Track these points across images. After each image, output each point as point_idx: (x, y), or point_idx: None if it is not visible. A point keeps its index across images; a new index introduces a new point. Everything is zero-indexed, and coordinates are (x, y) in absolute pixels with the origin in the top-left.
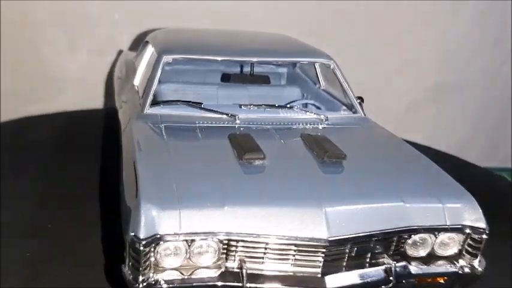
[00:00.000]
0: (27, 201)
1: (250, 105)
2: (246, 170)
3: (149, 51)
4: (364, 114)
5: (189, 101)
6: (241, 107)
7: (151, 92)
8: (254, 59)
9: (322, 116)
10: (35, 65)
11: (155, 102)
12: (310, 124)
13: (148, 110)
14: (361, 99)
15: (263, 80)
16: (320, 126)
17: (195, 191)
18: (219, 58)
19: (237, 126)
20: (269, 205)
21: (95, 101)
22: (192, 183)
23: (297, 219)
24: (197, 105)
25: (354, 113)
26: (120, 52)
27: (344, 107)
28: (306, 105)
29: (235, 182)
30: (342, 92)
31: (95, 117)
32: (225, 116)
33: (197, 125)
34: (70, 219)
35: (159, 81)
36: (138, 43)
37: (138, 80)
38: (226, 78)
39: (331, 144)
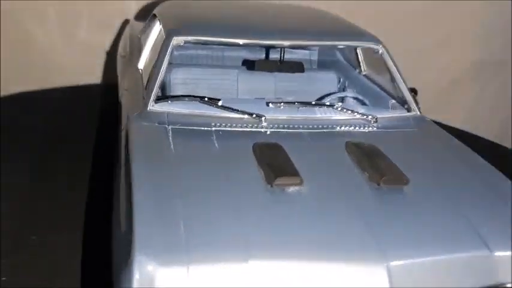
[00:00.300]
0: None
1: (280, 102)
2: (278, 200)
3: (157, 28)
4: (420, 112)
5: (203, 97)
6: (268, 105)
7: (157, 84)
8: (286, 43)
9: (369, 117)
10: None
11: (161, 97)
12: (356, 127)
13: (153, 107)
14: (414, 91)
15: (296, 67)
16: (367, 130)
17: (210, 235)
18: (241, 41)
19: (263, 130)
20: (310, 257)
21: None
22: (205, 221)
23: (349, 279)
24: (213, 102)
25: (407, 110)
26: (125, 22)
27: (393, 101)
28: (342, 99)
29: (264, 221)
30: (390, 82)
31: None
32: (248, 116)
33: (213, 128)
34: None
35: (167, 67)
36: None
37: (142, 63)
38: (249, 65)
39: (386, 161)
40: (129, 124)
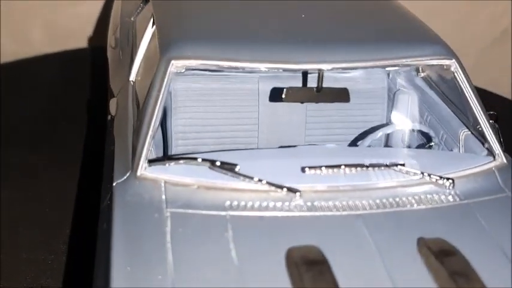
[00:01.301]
0: None
1: (320, 167)
2: None
3: (151, 23)
4: (503, 150)
5: (214, 161)
6: (304, 171)
7: (149, 136)
8: (327, 66)
9: (444, 181)
10: None
11: (156, 160)
12: (427, 200)
13: (145, 171)
14: (494, 118)
15: (339, 96)
16: (443, 204)
17: None
18: (263, 66)
19: (297, 214)
20: None
21: None
22: None
23: None
24: (228, 167)
25: (488, 150)
26: None
27: (466, 131)
28: None
29: None
30: (460, 103)
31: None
32: (277, 190)
33: (228, 213)
34: None
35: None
36: None
37: (134, 74)
38: (274, 94)
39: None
40: (113, 197)
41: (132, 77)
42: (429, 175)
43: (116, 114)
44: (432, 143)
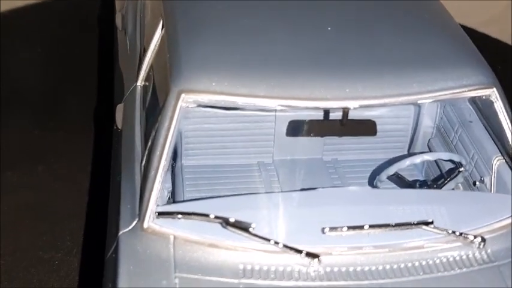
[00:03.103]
0: None
1: (341, 228)
2: None
3: (160, 25)
4: None
5: (227, 220)
6: (324, 232)
7: (158, 182)
8: (353, 104)
9: (474, 239)
10: None
11: (165, 212)
12: (454, 256)
13: (152, 223)
14: None
15: (365, 129)
16: (473, 267)
17: None
18: (282, 104)
19: (316, 284)
20: None
21: None
22: None
23: None
24: (241, 227)
25: None
26: None
27: (500, 158)
28: None
29: None
30: (496, 128)
31: None
32: (292, 256)
33: (241, 281)
34: None
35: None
36: None
37: (142, 78)
38: (292, 128)
39: None
40: (118, 250)
41: (140, 82)
42: (459, 234)
43: (122, 128)
44: (462, 169)
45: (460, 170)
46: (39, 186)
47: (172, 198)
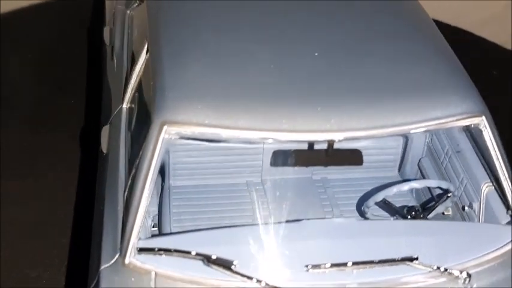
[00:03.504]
0: None
1: (324, 265)
2: None
3: (146, 46)
4: None
5: (209, 257)
6: (307, 270)
7: (139, 217)
8: (338, 136)
9: (459, 275)
10: None
11: (146, 248)
12: None
13: (134, 258)
14: None
15: (351, 159)
16: None
17: None
18: (265, 136)
19: None
20: None
21: None
22: None
23: None
24: (223, 265)
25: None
26: None
27: (488, 185)
28: None
29: None
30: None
31: None
32: None
33: None
34: None
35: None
36: None
37: (128, 101)
38: (277, 158)
39: None
40: (98, 284)
41: (126, 104)
42: (444, 270)
43: (108, 152)
44: (450, 194)
45: (449, 195)
46: (25, 201)
47: (159, 220)
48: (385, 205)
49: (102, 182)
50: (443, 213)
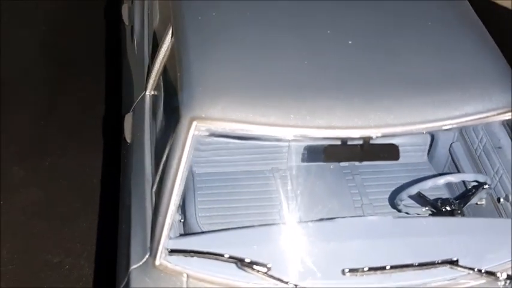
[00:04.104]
0: None
1: (362, 269)
2: None
3: (170, 31)
4: None
5: (242, 260)
6: (344, 273)
7: (170, 217)
8: (375, 133)
9: (500, 276)
10: None
11: (177, 250)
12: None
13: (164, 260)
14: None
15: (387, 154)
16: None
17: None
18: (304, 133)
19: None
20: None
21: None
22: None
23: None
24: (257, 268)
25: None
26: None
27: None
28: None
29: None
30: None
31: None
32: None
33: None
34: None
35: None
36: None
37: (151, 87)
38: (309, 154)
39: None
40: (129, 285)
41: (149, 91)
42: (485, 272)
43: (132, 142)
44: (486, 186)
45: (485, 187)
46: (46, 183)
47: (183, 208)
48: (418, 197)
49: (127, 174)
50: (476, 204)
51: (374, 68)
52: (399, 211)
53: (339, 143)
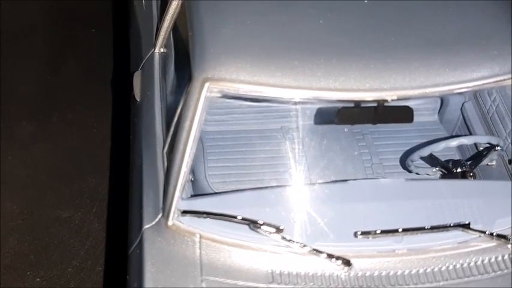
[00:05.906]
0: None
1: (375, 232)
2: None
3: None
4: None
5: (255, 222)
6: (356, 236)
7: (182, 178)
8: (391, 95)
9: (510, 237)
10: None
11: (190, 211)
12: (489, 258)
13: (176, 220)
14: None
15: (401, 116)
16: (508, 270)
17: None
18: (318, 95)
19: None
20: None
21: None
22: None
23: None
24: (270, 230)
25: None
26: None
27: None
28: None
29: None
30: None
31: None
32: (322, 260)
33: (269, 286)
34: None
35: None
36: None
37: (161, 45)
38: (321, 116)
39: None
40: (142, 247)
41: (158, 48)
42: (496, 235)
43: (141, 101)
44: (498, 148)
45: (497, 149)
46: (54, 139)
47: (193, 168)
48: (430, 159)
49: (137, 134)
50: (487, 165)
51: (389, 30)
52: (409, 172)
53: (352, 105)
